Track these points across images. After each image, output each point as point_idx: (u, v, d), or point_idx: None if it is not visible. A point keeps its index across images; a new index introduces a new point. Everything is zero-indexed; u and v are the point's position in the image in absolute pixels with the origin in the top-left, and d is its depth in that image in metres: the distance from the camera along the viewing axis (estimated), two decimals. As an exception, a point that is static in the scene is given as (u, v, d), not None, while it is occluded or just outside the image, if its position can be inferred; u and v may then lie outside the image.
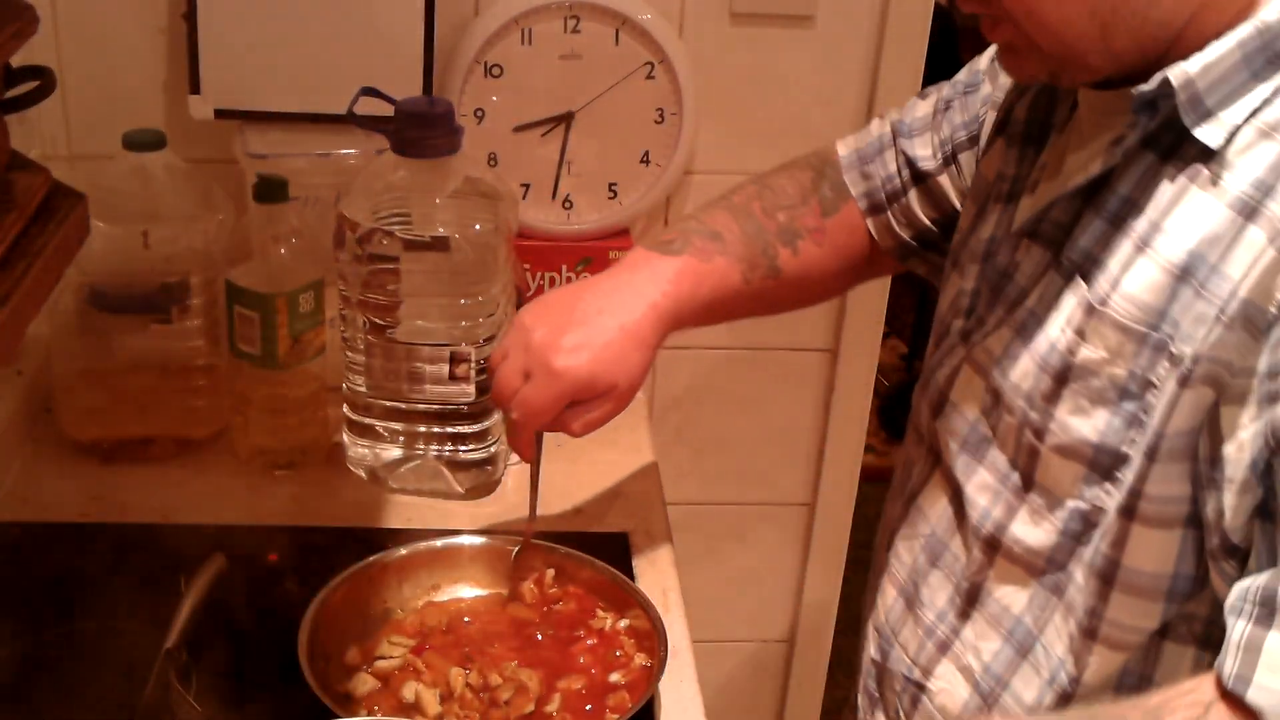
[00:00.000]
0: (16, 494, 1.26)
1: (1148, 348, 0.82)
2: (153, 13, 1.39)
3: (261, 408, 1.28)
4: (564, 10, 1.39)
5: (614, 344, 1.03)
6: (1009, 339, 0.92)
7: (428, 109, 1.20)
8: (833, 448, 1.67)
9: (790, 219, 1.14)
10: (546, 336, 1.03)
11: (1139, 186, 0.85)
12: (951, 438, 0.97)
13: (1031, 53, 0.86)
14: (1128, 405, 0.84)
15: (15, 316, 0.71)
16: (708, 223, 1.12)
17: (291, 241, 1.26)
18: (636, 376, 1.05)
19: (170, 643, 1.03)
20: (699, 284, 1.08)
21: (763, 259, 1.12)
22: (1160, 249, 0.82)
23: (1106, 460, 0.85)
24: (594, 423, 1.05)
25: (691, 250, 1.09)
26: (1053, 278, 0.90)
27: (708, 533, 1.69)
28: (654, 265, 1.08)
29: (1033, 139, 0.99)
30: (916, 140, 1.14)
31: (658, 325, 1.06)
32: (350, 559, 1.18)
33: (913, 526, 1.02)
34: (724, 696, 1.76)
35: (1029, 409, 0.89)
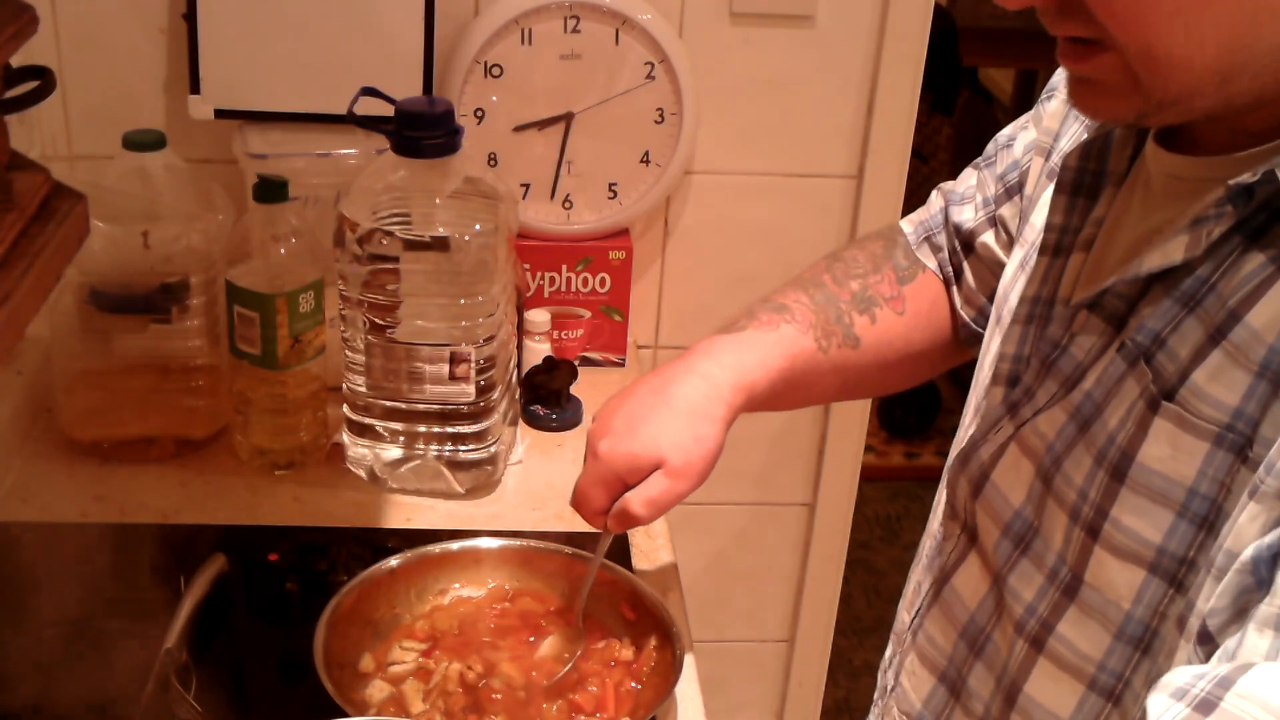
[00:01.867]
0: (16, 494, 1.26)
1: (1221, 449, 0.74)
2: (153, 13, 1.39)
3: (261, 408, 1.28)
4: (564, 10, 1.39)
5: (659, 420, 1.00)
6: (1063, 423, 0.83)
7: (428, 109, 1.20)
8: (833, 448, 1.67)
9: (864, 286, 1.10)
10: (597, 426, 1.04)
11: (1220, 269, 0.75)
12: (993, 522, 0.89)
13: (1126, 91, 0.75)
14: (1195, 507, 0.75)
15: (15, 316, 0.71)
16: (773, 299, 1.09)
17: (291, 241, 1.26)
18: (690, 450, 1.00)
19: (170, 643, 1.04)
20: (765, 352, 1.04)
21: (837, 326, 1.08)
22: (1239, 342, 0.73)
23: (1171, 566, 0.77)
24: (655, 502, 1.00)
25: (756, 324, 1.06)
26: (1114, 360, 0.80)
27: (708, 533, 1.69)
28: (713, 344, 1.05)
29: (1084, 189, 0.90)
30: (965, 207, 1.10)
31: (712, 401, 1.01)
32: (350, 559, 1.18)
33: (948, 609, 0.93)
34: (724, 696, 1.76)
35: (1082, 504, 0.80)
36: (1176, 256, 0.76)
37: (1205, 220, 0.75)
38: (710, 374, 1.02)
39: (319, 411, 1.32)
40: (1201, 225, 0.75)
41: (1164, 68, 0.72)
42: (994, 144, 1.10)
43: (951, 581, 0.93)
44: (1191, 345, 0.75)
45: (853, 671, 2.65)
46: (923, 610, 0.96)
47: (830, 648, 1.80)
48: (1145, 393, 0.77)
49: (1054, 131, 1.00)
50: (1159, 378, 0.76)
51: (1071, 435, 0.82)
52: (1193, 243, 0.75)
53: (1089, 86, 0.78)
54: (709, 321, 1.58)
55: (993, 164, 1.09)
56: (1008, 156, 1.07)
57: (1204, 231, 0.75)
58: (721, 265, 1.57)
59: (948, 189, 1.14)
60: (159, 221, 1.26)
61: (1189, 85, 0.72)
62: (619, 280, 1.51)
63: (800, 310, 1.07)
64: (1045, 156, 1.00)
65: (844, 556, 1.74)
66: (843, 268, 1.12)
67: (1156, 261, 0.77)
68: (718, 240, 1.56)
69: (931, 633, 0.94)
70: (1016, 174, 1.05)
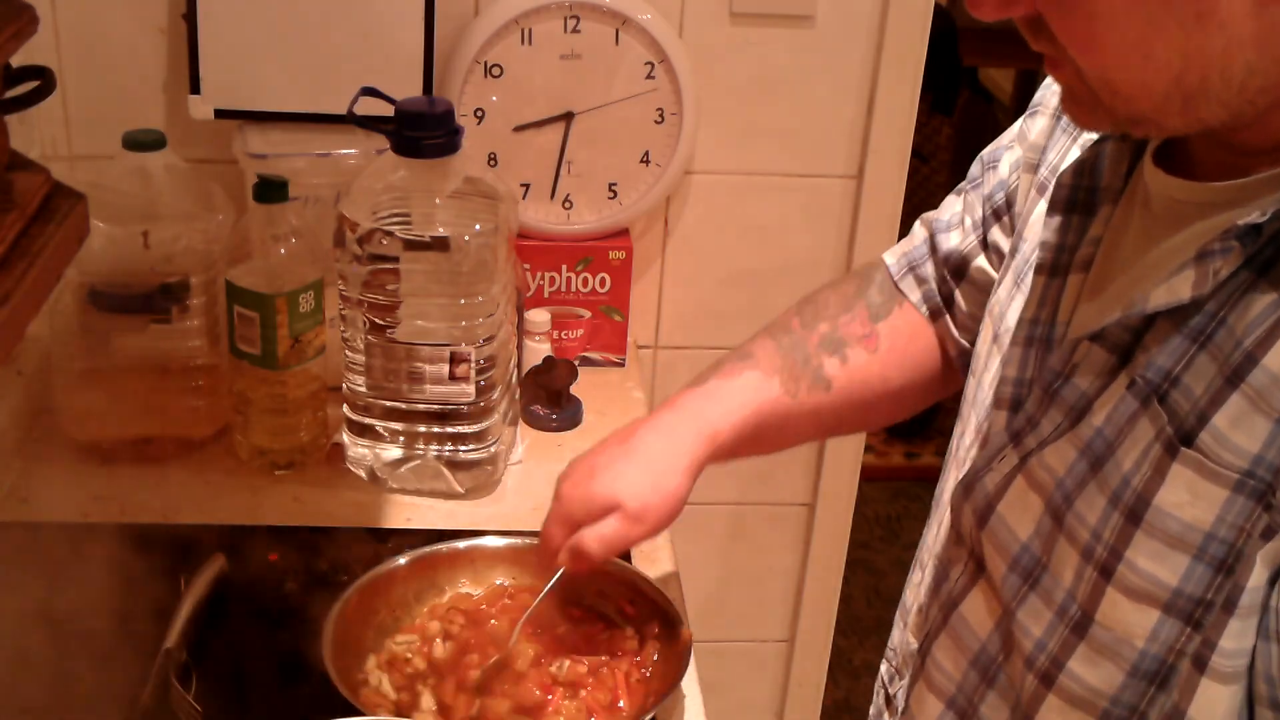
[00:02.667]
0: (16, 494, 1.26)
1: (1241, 494, 0.73)
2: (153, 13, 1.39)
3: (261, 408, 1.28)
4: (564, 10, 1.39)
5: (618, 468, 1.03)
6: (1073, 459, 0.81)
7: (428, 109, 1.20)
8: (833, 448, 1.67)
9: (833, 328, 1.10)
10: (565, 473, 1.07)
11: (1228, 303, 0.74)
12: (999, 555, 0.87)
13: (1098, 107, 0.76)
14: (1213, 550, 0.74)
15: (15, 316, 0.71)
16: (742, 348, 1.09)
17: (291, 241, 1.26)
18: (647, 495, 1.02)
19: (170, 643, 1.04)
20: (729, 401, 1.05)
21: (804, 370, 1.07)
22: (1258, 386, 0.72)
23: (1187, 606, 0.76)
24: (605, 539, 1.02)
25: (719, 374, 1.07)
26: (1125, 398, 0.78)
27: (708, 533, 1.69)
28: (679, 399, 1.06)
29: (1078, 205, 0.89)
30: (953, 233, 1.09)
31: (677, 448, 1.03)
32: (350, 559, 1.18)
33: (957, 637, 0.92)
34: (724, 696, 1.76)
35: (1095, 544, 0.79)
36: (1184, 294, 0.74)
37: (1211, 255, 0.73)
38: (673, 426, 1.04)
39: (319, 411, 1.32)
40: (1208, 260, 0.74)
41: (1122, 91, 0.73)
42: (979, 164, 1.09)
43: (960, 609, 0.92)
44: (1206, 384, 0.74)
45: (853, 671, 2.65)
46: (932, 634, 0.95)
47: (830, 648, 1.80)
48: (1161, 435, 0.76)
49: (1040, 147, 1.00)
50: (1174, 418, 0.75)
51: (1083, 473, 0.80)
52: (1199, 279, 0.74)
53: (1067, 94, 0.78)
54: (709, 321, 1.59)
55: (979, 186, 1.07)
56: (993, 177, 1.06)
57: (1211, 268, 0.73)
58: (721, 265, 1.57)
59: (931, 218, 1.12)
60: (159, 221, 1.26)
61: (1151, 108, 0.73)
62: (619, 280, 1.51)
63: (765, 356, 1.08)
64: (1033, 171, 1.00)
65: (844, 556, 1.74)
66: (812, 311, 1.11)
67: (1163, 299, 0.76)
68: (718, 240, 1.56)
69: (940, 659, 0.93)
70: (1003, 194, 1.04)
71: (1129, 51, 0.71)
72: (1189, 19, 0.69)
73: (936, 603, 0.96)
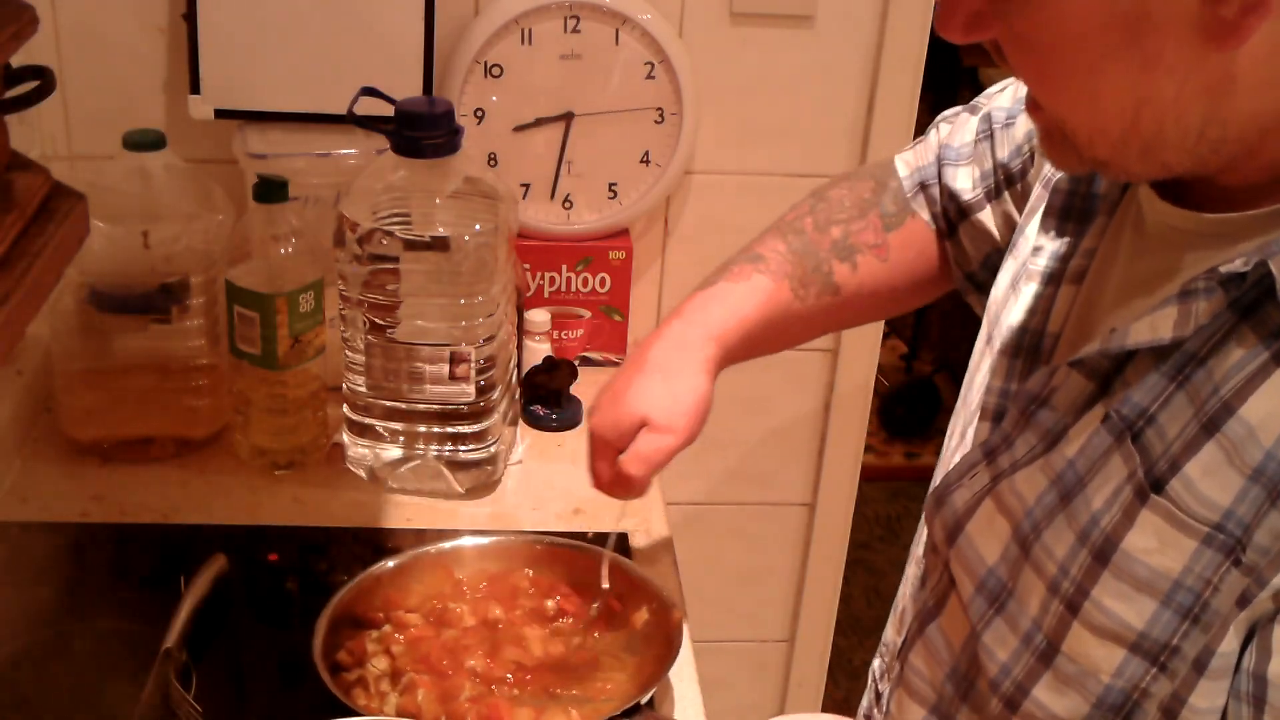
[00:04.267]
0: (16, 494, 1.26)
1: (1210, 547, 0.72)
2: (153, 13, 1.39)
3: (261, 408, 1.28)
4: (564, 10, 1.39)
5: (636, 385, 1.03)
6: (1043, 488, 0.81)
7: (428, 109, 1.20)
8: (833, 448, 1.67)
9: (846, 233, 1.09)
10: (592, 406, 1.08)
11: (1209, 344, 0.73)
12: (967, 575, 0.87)
13: (1068, 147, 0.76)
14: (1180, 598, 0.74)
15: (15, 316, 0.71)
16: (752, 248, 1.09)
17: (291, 241, 1.26)
18: (669, 402, 1.02)
19: (170, 643, 1.04)
20: (738, 303, 1.05)
21: (815, 275, 1.07)
22: (1234, 438, 0.71)
23: (1153, 649, 0.75)
24: (644, 457, 1.02)
25: (729, 276, 1.06)
26: (1099, 432, 0.78)
27: (708, 533, 1.69)
28: (686, 304, 1.06)
29: (1074, 213, 0.89)
30: (960, 171, 1.07)
31: (688, 352, 1.04)
32: (350, 559, 1.18)
33: (934, 649, 0.92)
34: (724, 696, 1.76)
35: (1062, 579, 0.79)
36: (1165, 334, 0.74)
37: (1195, 294, 0.73)
38: (681, 333, 1.05)
39: (319, 411, 1.32)
40: (1190, 299, 0.73)
41: (1080, 133, 0.74)
42: (989, 116, 1.06)
43: (938, 621, 0.92)
44: (1181, 426, 0.73)
45: (853, 671, 2.65)
46: (909, 640, 0.95)
47: (830, 648, 1.80)
48: (1133, 479, 0.75)
49: None
50: (1147, 459, 0.74)
51: (1052, 505, 0.80)
52: (1181, 320, 0.73)
53: (1042, 134, 0.79)
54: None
55: (989, 139, 1.05)
56: (1008, 139, 1.04)
57: (1193, 308, 0.73)
58: (721, 265, 1.57)
59: (943, 141, 1.10)
60: (159, 221, 1.26)
61: (1109, 153, 0.73)
62: (619, 280, 1.51)
63: (776, 260, 1.07)
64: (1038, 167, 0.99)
65: (844, 556, 1.74)
66: (825, 211, 1.10)
67: (1145, 336, 0.75)
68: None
69: (918, 666, 0.93)
70: (1019, 162, 1.03)
71: (1077, 92, 0.72)
72: (1135, 65, 0.69)
73: (914, 608, 0.96)
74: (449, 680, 1.02)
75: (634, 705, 0.99)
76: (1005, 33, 0.73)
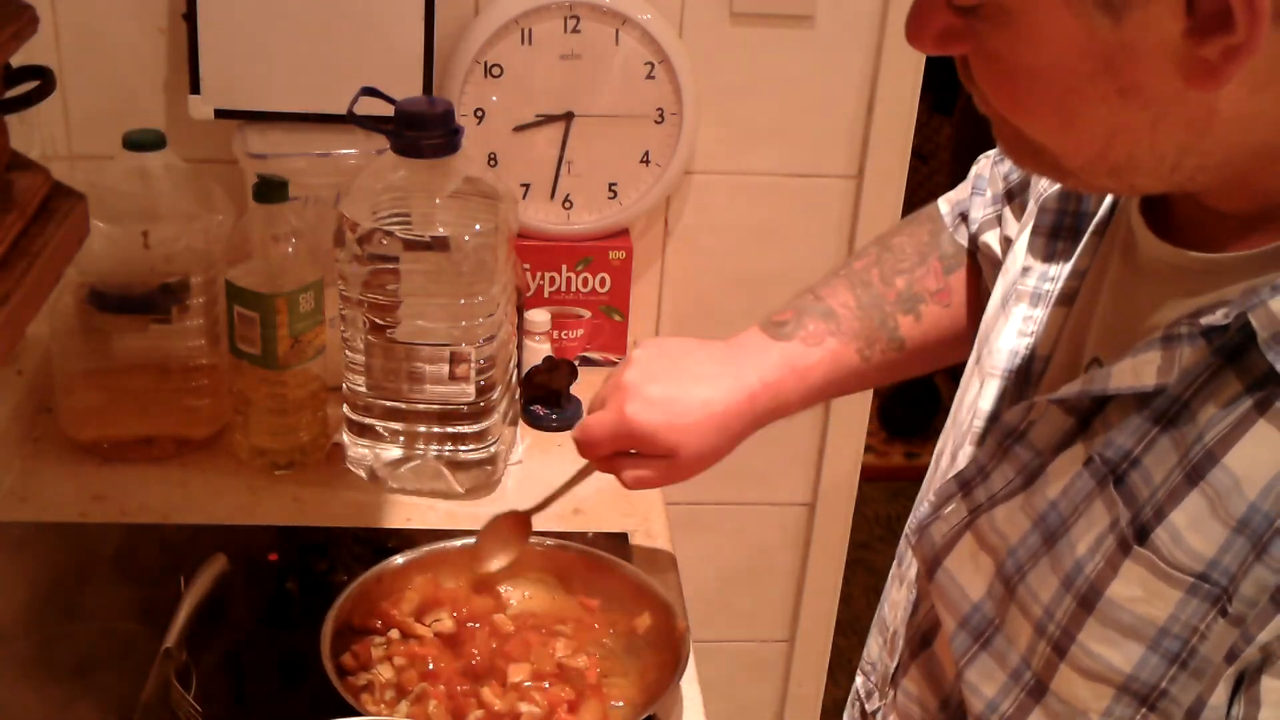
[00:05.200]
0: (16, 494, 1.26)
1: (1195, 597, 0.71)
2: (153, 13, 1.39)
3: (261, 408, 1.28)
4: (564, 10, 1.39)
5: (692, 414, 1.03)
6: (1026, 529, 0.79)
7: (428, 109, 1.20)
8: (833, 448, 1.67)
9: (909, 283, 1.09)
10: (637, 378, 1.04)
11: (1194, 389, 0.72)
12: (949, 611, 0.85)
13: (1032, 154, 0.74)
14: (1167, 645, 0.73)
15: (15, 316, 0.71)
16: (824, 298, 1.09)
17: (291, 241, 1.26)
18: (705, 452, 1.03)
19: (170, 642, 1.04)
20: (806, 373, 1.05)
21: (881, 332, 1.08)
22: (1218, 488, 0.70)
23: (1142, 690, 0.74)
24: (643, 480, 1.04)
25: (803, 334, 1.06)
26: (1082, 475, 0.76)
27: (708, 533, 1.69)
28: (763, 350, 1.06)
29: (1063, 233, 0.88)
30: (976, 199, 1.08)
31: (749, 414, 1.04)
32: (350, 559, 1.18)
33: (929, 675, 0.91)
34: (724, 696, 1.76)
35: (1048, 622, 0.77)
36: (1148, 381, 0.72)
37: (1178, 340, 0.71)
38: (754, 391, 1.04)
39: (319, 411, 1.32)
40: (1174, 345, 0.72)
41: (1047, 150, 0.72)
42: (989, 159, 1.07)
43: (933, 648, 0.90)
44: (1165, 473, 0.72)
45: (853, 672, 2.64)
46: (903, 665, 0.93)
47: (830, 648, 1.80)
48: (1116, 528, 0.74)
49: None
50: (1131, 505, 0.73)
51: (1036, 546, 0.79)
52: (1165, 366, 0.72)
53: (998, 133, 0.77)
54: (709, 321, 1.59)
55: (1000, 160, 1.06)
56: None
57: (1177, 354, 0.71)
58: (721, 265, 1.57)
59: (978, 172, 1.10)
60: (159, 221, 1.26)
61: (1077, 168, 0.72)
62: (619, 280, 1.51)
63: (847, 318, 1.07)
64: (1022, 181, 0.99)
65: (844, 556, 1.74)
66: (891, 262, 1.10)
67: (1128, 381, 0.73)
68: (718, 240, 1.56)
69: (913, 691, 0.92)
70: (1018, 175, 1.03)
71: (1049, 115, 0.70)
72: (1111, 93, 0.67)
73: (907, 635, 0.94)
74: (458, 700, 1.02)
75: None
76: (977, 50, 0.71)
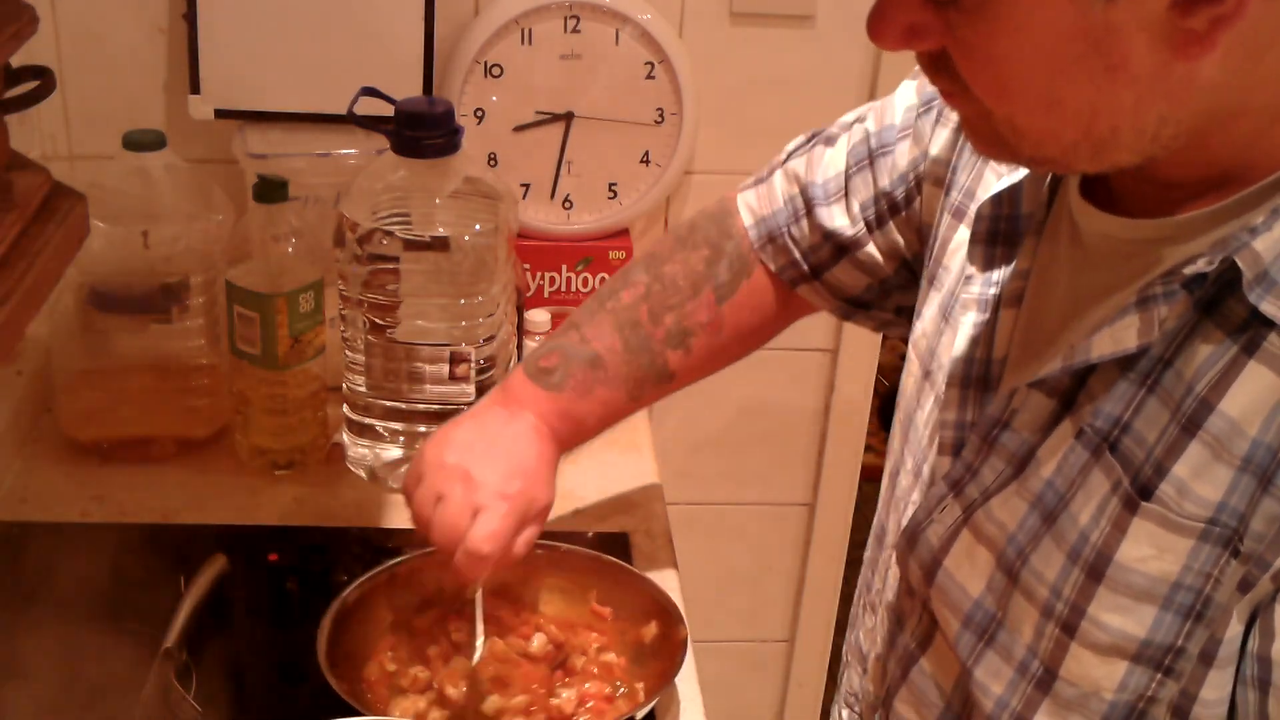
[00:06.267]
0: (16, 494, 1.26)
1: (1207, 542, 0.71)
2: (153, 13, 1.39)
3: (261, 408, 1.28)
4: (564, 10, 1.39)
5: (534, 469, 1.04)
6: (1024, 513, 0.79)
7: (428, 109, 1.20)
8: (833, 448, 1.67)
9: (679, 318, 1.09)
10: (460, 456, 1.03)
11: (1173, 345, 0.72)
12: (951, 613, 0.84)
13: (1002, 144, 0.73)
14: (1181, 599, 0.73)
15: (15, 316, 0.71)
16: (590, 340, 1.09)
17: (291, 241, 1.26)
18: (552, 496, 1.05)
19: (170, 642, 1.04)
20: (579, 421, 1.08)
21: (649, 371, 1.09)
22: (1217, 433, 0.70)
23: (1156, 655, 0.74)
24: (531, 540, 1.03)
25: (571, 384, 1.07)
26: (1074, 448, 0.76)
27: (708, 533, 1.69)
28: (535, 400, 1.07)
29: (1000, 236, 0.87)
30: (834, 209, 1.05)
31: (553, 454, 1.07)
32: (350, 559, 1.18)
33: (919, 693, 0.89)
34: (724, 696, 1.76)
35: (1055, 601, 0.77)
36: (1130, 343, 0.72)
37: (1155, 300, 0.72)
38: (544, 433, 1.06)
39: (319, 411, 1.32)
40: (1151, 305, 0.72)
41: (1029, 136, 0.71)
42: (863, 141, 1.04)
43: (921, 664, 0.89)
44: (1160, 430, 0.72)
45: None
46: (893, 689, 0.92)
47: (831, 648, 1.80)
48: (1119, 489, 0.74)
49: (947, 162, 0.96)
50: (1129, 468, 0.73)
51: (1036, 528, 0.78)
52: (1145, 327, 0.72)
53: (967, 127, 0.76)
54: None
55: (867, 168, 1.03)
56: (889, 168, 1.02)
57: (1155, 314, 0.72)
58: (721, 265, 1.57)
59: (804, 179, 1.07)
60: (159, 221, 1.26)
61: (1059, 152, 0.71)
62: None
63: (614, 364, 1.08)
64: (944, 190, 0.97)
65: (844, 556, 1.74)
66: (660, 295, 1.09)
67: (1108, 348, 0.74)
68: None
69: (905, 714, 0.91)
70: (903, 190, 1.01)
71: (1036, 100, 0.70)
72: (1099, 72, 0.67)
73: (894, 655, 0.93)
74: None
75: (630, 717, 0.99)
76: (955, 42, 0.70)
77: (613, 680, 1.07)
